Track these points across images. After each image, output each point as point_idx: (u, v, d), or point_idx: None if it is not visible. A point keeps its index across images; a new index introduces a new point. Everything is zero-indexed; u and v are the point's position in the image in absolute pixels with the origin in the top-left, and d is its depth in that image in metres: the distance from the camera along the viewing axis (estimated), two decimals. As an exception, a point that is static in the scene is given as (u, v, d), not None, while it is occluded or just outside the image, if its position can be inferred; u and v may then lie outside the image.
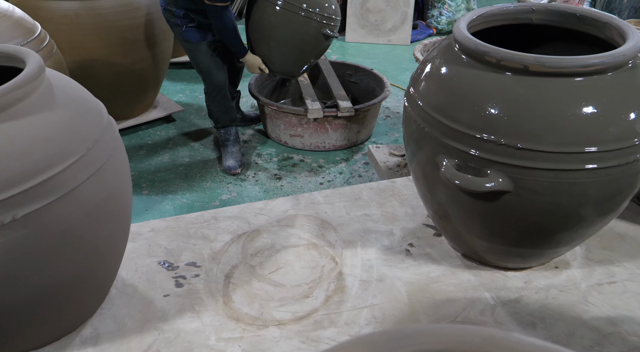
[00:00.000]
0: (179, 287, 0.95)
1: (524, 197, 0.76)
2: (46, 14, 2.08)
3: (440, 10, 4.56)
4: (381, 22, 4.14)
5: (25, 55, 0.74)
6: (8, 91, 0.64)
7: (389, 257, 1.01)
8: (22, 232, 0.64)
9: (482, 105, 0.75)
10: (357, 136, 2.59)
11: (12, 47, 0.77)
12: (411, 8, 4.10)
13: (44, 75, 0.73)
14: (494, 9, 0.90)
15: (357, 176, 2.41)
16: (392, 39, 4.18)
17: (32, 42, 1.56)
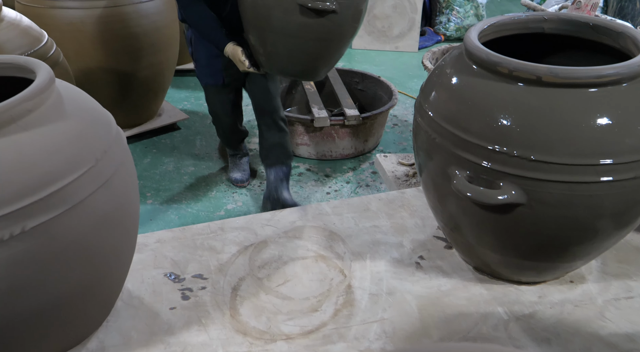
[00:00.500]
0: (186, 299, 0.95)
1: (537, 209, 0.76)
2: (52, 22, 2.11)
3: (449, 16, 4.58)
4: (388, 29, 4.16)
5: (36, 66, 0.75)
6: (19, 102, 0.66)
7: (399, 270, 1.01)
8: (31, 243, 0.65)
9: (494, 116, 0.75)
10: (365, 145, 2.60)
11: (23, 58, 0.78)
12: (419, 14, 4.12)
13: (54, 86, 0.74)
14: (505, 18, 0.91)
15: (364, 186, 2.42)
16: (399, 45, 4.20)
17: (38, 50, 1.59)
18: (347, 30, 1.57)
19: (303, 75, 1.83)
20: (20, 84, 0.79)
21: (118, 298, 0.95)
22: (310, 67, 1.65)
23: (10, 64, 0.78)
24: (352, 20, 1.56)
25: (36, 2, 2.13)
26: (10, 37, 1.52)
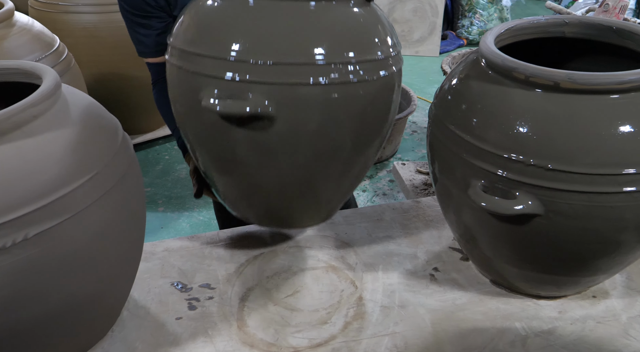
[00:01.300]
0: (192, 310, 0.96)
1: (555, 221, 0.75)
2: (65, 27, 2.16)
3: (472, 20, 4.56)
4: (408, 33, 4.16)
5: (42, 71, 0.77)
6: (24, 108, 0.67)
7: (412, 282, 1.00)
8: (34, 251, 0.66)
9: (510, 123, 0.74)
10: (382, 152, 2.59)
11: (29, 63, 0.80)
12: (440, 18, 4.11)
13: (60, 92, 0.76)
14: (524, 22, 0.90)
15: (381, 195, 2.41)
16: (419, 50, 4.19)
17: (50, 55, 1.62)
18: (323, 146, 0.86)
19: (277, 223, 1.04)
20: (27, 89, 0.80)
21: (124, 308, 0.96)
22: (280, 210, 0.97)
23: (16, 70, 0.80)
24: (337, 127, 0.86)
25: (49, 7, 2.18)
26: (21, 42, 1.56)
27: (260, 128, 0.82)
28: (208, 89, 0.82)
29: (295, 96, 0.81)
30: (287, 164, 0.88)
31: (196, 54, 0.83)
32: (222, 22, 0.83)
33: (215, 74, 0.81)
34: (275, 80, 0.80)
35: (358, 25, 0.86)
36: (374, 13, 0.91)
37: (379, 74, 0.86)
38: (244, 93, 0.80)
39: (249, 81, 0.80)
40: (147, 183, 2.44)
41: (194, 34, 0.85)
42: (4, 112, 0.66)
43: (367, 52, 0.85)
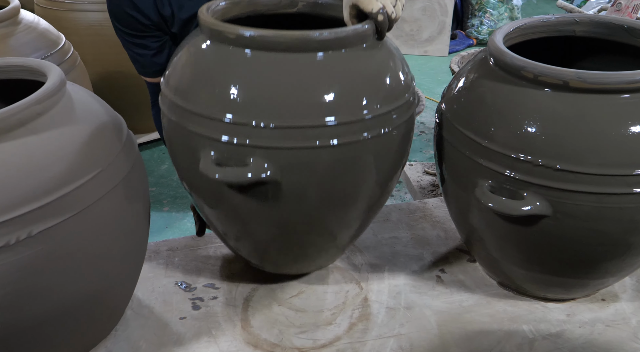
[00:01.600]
0: (196, 309, 0.96)
1: (564, 222, 0.75)
2: (71, 25, 2.17)
3: (481, 19, 4.54)
4: (417, 32, 4.15)
5: (47, 69, 0.78)
6: (28, 106, 0.68)
7: (419, 284, 1.00)
8: (38, 249, 0.67)
9: (519, 123, 0.74)
10: (389, 153, 2.58)
11: (35, 60, 0.81)
12: (449, 17, 4.10)
13: (65, 90, 0.76)
14: (533, 20, 0.90)
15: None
16: (428, 49, 4.18)
17: (55, 53, 1.64)
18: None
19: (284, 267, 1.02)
20: (32, 86, 0.81)
21: (127, 307, 0.96)
22: (286, 259, 0.97)
23: (22, 67, 0.81)
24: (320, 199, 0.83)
25: (55, 5, 2.20)
26: (27, 40, 1.58)
27: (263, 192, 0.78)
28: (205, 152, 0.76)
29: (302, 160, 0.75)
30: (292, 218, 0.83)
31: (191, 112, 0.77)
32: (218, 76, 0.77)
33: (212, 136, 0.75)
34: (279, 144, 0.74)
35: (372, 76, 0.79)
36: (388, 54, 0.83)
37: (393, 126, 0.80)
38: (244, 158, 0.75)
39: (249, 146, 0.74)
40: (152, 183, 2.45)
41: (187, 87, 0.78)
42: (9, 109, 0.66)
43: (383, 104, 0.78)
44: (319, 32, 0.75)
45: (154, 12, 0.94)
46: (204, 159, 0.75)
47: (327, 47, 0.75)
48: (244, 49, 0.75)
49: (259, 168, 0.74)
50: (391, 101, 0.80)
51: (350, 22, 0.83)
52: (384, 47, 0.84)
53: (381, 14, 0.78)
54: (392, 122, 0.80)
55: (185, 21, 0.97)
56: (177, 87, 0.80)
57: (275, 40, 0.74)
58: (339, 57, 0.77)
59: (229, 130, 0.74)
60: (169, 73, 0.84)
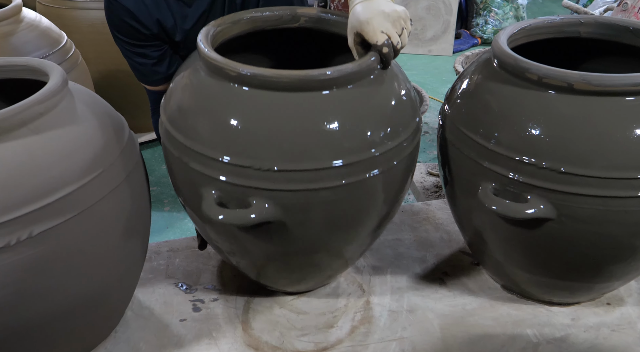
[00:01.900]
0: (197, 311, 0.97)
1: (568, 225, 0.75)
2: (73, 24, 2.18)
3: (486, 18, 4.54)
4: (421, 31, 4.15)
5: (49, 68, 0.78)
6: (30, 105, 0.68)
7: (421, 286, 1.01)
8: (39, 249, 0.68)
9: (523, 125, 0.74)
10: (393, 153, 2.58)
11: (37, 60, 0.81)
12: (454, 16, 4.10)
13: (67, 89, 0.77)
14: (538, 21, 0.90)
15: (391, 196, 2.41)
16: (432, 49, 4.18)
17: (57, 52, 1.64)
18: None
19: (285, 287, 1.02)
20: (34, 86, 0.82)
21: (128, 308, 0.97)
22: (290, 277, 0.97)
23: (24, 66, 0.81)
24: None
25: (57, 3, 2.20)
26: (29, 38, 1.58)
27: (265, 229, 0.76)
28: (207, 191, 0.75)
29: (306, 201, 0.74)
30: (295, 248, 0.82)
31: (192, 149, 0.76)
32: (218, 114, 0.75)
33: (213, 176, 0.74)
34: (282, 187, 0.72)
35: (380, 111, 0.76)
36: (394, 81, 0.81)
37: (401, 157, 0.79)
38: (247, 198, 0.74)
39: (251, 187, 0.73)
40: (153, 182, 2.46)
41: (187, 123, 0.77)
42: (11, 109, 0.67)
43: (392, 138, 0.76)
44: (321, 71, 0.72)
45: (154, 23, 0.92)
46: (206, 199, 0.74)
47: (330, 85, 0.73)
48: (244, 87, 0.74)
49: (261, 210, 0.73)
50: (400, 133, 0.78)
51: (354, 48, 0.80)
52: (390, 74, 0.81)
53: (386, 46, 0.76)
54: (402, 153, 0.79)
55: (188, 30, 0.94)
56: (176, 122, 0.78)
57: (276, 79, 0.72)
58: (343, 94, 0.74)
59: (229, 171, 0.73)
60: (168, 102, 0.82)
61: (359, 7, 0.77)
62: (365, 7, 0.77)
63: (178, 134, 0.77)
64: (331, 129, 0.72)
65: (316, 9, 0.90)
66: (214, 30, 0.85)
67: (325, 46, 0.95)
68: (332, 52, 0.95)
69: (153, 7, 0.92)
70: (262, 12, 0.90)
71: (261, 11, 0.90)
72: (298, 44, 0.97)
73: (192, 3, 0.94)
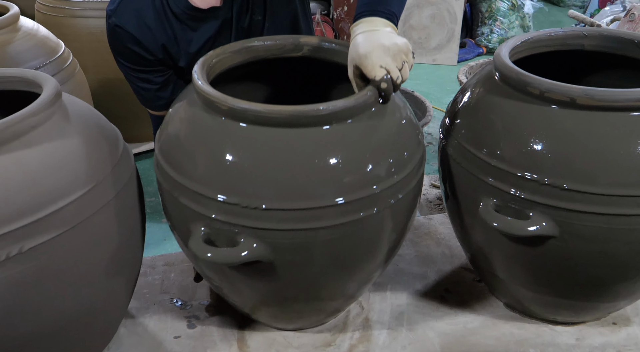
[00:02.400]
0: (192, 328, 0.96)
1: (571, 243, 0.74)
2: (72, 32, 2.19)
3: (492, 27, 4.55)
4: (425, 40, 4.17)
5: (43, 80, 0.78)
6: (22, 118, 0.68)
7: (422, 304, 1.00)
8: (29, 265, 0.67)
9: (525, 140, 0.74)
10: (395, 165, 2.58)
11: (31, 72, 0.82)
12: (459, 25, 4.11)
13: (60, 102, 0.77)
14: (541, 34, 0.90)
15: (393, 209, 2.40)
16: (437, 58, 4.19)
17: (54, 61, 1.65)
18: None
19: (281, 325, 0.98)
20: (28, 98, 0.82)
21: (121, 324, 0.96)
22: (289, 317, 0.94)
23: (18, 78, 0.81)
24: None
25: (56, 12, 2.22)
26: (26, 47, 1.59)
27: (258, 270, 0.75)
28: (195, 227, 0.74)
29: (298, 241, 0.72)
30: (289, 290, 0.81)
31: (181, 184, 0.75)
32: (208, 150, 0.73)
33: (202, 212, 0.73)
34: (271, 226, 0.70)
35: (381, 145, 0.74)
36: (395, 113, 0.79)
37: (404, 192, 0.76)
38: (235, 237, 0.72)
39: (238, 225, 0.71)
40: (151, 193, 2.45)
41: (178, 157, 0.76)
42: (3, 122, 0.67)
43: (392, 174, 0.74)
44: (313, 107, 0.70)
45: (159, 48, 0.91)
46: (193, 236, 0.73)
47: (325, 120, 0.71)
48: (237, 122, 0.72)
49: (250, 249, 0.71)
50: (404, 166, 0.75)
51: (353, 81, 0.79)
52: (391, 106, 0.78)
53: (385, 82, 0.73)
54: (406, 187, 0.76)
55: (193, 55, 0.93)
56: (168, 154, 0.78)
57: (269, 115, 0.70)
58: (339, 129, 0.72)
59: (218, 208, 0.71)
60: (161, 133, 0.81)
61: (360, 39, 0.75)
62: (366, 39, 0.75)
63: (169, 167, 0.77)
64: (325, 166, 0.70)
65: (319, 37, 0.90)
66: (212, 60, 0.84)
67: (329, 74, 0.93)
68: (337, 79, 0.92)
69: (158, 32, 0.92)
70: (265, 42, 0.89)
71: (263, 40, 0.89)
72: (302, 72, 0.96)
73: (198, 28, 0.93)
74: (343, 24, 4.44)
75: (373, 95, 0.74)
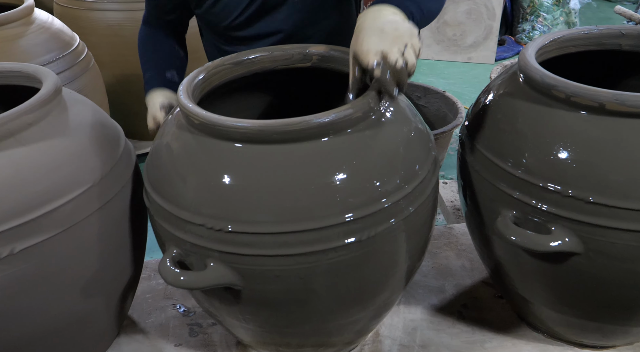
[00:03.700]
0: (194, 336, 0.96)
1: (596, 261, 0.72)
2: (88, 25, 2.24)
3: (533, 24, 4.47)
4: (460, 37, 4.11)
5: (44, 75, 0.80)
6: (18, 115, 0.70)
7: (437, 320, 0.98)
8: (20, 267, 0.68)
9: (548, 148, 0.72)
10: (423, 169, 2.55)
11: (32, 66, 0.83)
12: (497, 21, 4.05)
13: (60, 98, 0.78)
14: (573, 32, 0.87)
15: (419, 215, 2.37)
16: (472, 56, 4.14)
17: (68, 55, 1.68)
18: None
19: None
20: (30, 93, 0.83)
21: (121, 329, 0.97)
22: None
23: (19, 73, 0.83)
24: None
25: (74, 4, 2.27)
26: (39, 40, 1.63)
27: (227, 296, 0.74)
28: (169, 247, 0.74)
29: (266, 268, 0.69)
30: (278, 324, 0.79)
31: (155, 202, 0.74)
32: (175, 166, 0.72)
33: (173, 232, 0.72)
34: (237, 251, 0.68)
35: (386, 157, 0.71)
36: (404, 118, 0.76)
37: (415, 205, 0.73)
38: (203, 259, 0.70)
39: (206, 248, 0.69)
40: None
41: (152, 171, 0.77)
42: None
43: (402, 185, 0.70)
44: (291, 122, 0.66)
45: None
46: (165, 256, 0.72)
47: (315, 135, 0.67)
48: (209, 137, 0.69)
49: (220, 274, 0.69)
50: (412, 177, 0.72)
51: (351, 71, 0.75)
52: (394, 111, 0.75)
53: (377, 68, 0.69)
54: (417, 200, 0.73)
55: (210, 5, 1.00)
56: (148, 169, 0.78)
57: (243, 131, 0.66)
58: (344, 141, 0.68)
59: (186, 229, 0.70)
60: (151, 156, 0.80)
61: (360, 25, 0.73)
62: (365, 25, 0.73)
63: (147, 182, 0.77)
64: (322, 182, 0.67)
65: (328, 46, 0.87)
66: (204, 75, 0.82)
67: (341, 85, 0.91)
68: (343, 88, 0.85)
69: None
70: (271, 52, 0.88)
71: (269, 51, 0.88)
72: (309, 82, 0.94)
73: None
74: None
75: (372, 101, 0.70)
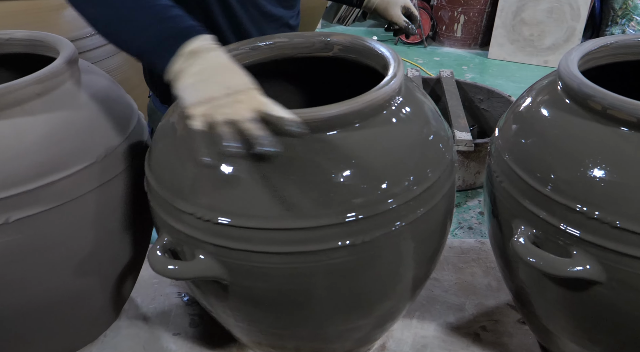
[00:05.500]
0: (193, 327, 0.99)
1: (621, 293, 0.69)
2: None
3: (624, 27, 4.29)
4: (538, 38, 3.99)
5: (61, 46, 0.83)
6: (26, 85, 0.73)
7: (451, 339, 0.96)
8: (14, 237, 0.72)
9: (576, 163, 0.69)
10: (476, 178, 2.51)
11: (52, 36, 0.87)
12: (581, 23, 3.91)
13: (74, 70, 0.82)
14: (628, 38, 0.84)
15: (466, 228, 2.33)
16: (549, 59, 4.01)
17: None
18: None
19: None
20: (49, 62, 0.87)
21: (122, 312, 1.01)
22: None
23: (40, 42, 0.87)
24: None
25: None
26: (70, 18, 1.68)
27: (216, 290, 0.75)
28: (162, 233, 0.76)
29: (253, 264, 0.69)
30: (266, 323, 0.80)
31: (151, 185, 0.77)
32: (171, 152, 0.74)
33: (165, 219, 0.74)
34: (226, 244, 0.69)
35: (396, 153, 0.71)
36: (416, 114, 0.76)
37: (422, 209, 0.73)
38: (193, 250, 0.72)
39: (196, 239, 0.71)
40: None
41: (151, 154, 0.80)
42: (5, 86, 0.72)
43: (412, 186, 0.71)
44: (297, 112, 0.65)
45: None
46: (156, 242, 0.74)
47: (327, 126, 0.68)
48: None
49: (207, 266, 0.71)
50: (423, 179, 0.72)
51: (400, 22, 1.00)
52: (408, 105, 0.75)
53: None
54: (426, 204, 0.73)
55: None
56: (149, 155, 0.81)
57: None
58: (349, 138, 0.69)
59: (176, 217, 0.72)
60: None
61: None
62: None
63: (147, 166, 0.80)
64: (328, 177, 0.67)
65: (350, 36, 0.89)
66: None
67: (361, 77, 0.89)
68: (370, 84, 0.81)
69: None
70: (292, 39, 0.89)
71: (290, 37, 0.89)
72: (329, 73, 0.95)
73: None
74: (443, 12, 4.36)
75: (382, 96, 0.71)
